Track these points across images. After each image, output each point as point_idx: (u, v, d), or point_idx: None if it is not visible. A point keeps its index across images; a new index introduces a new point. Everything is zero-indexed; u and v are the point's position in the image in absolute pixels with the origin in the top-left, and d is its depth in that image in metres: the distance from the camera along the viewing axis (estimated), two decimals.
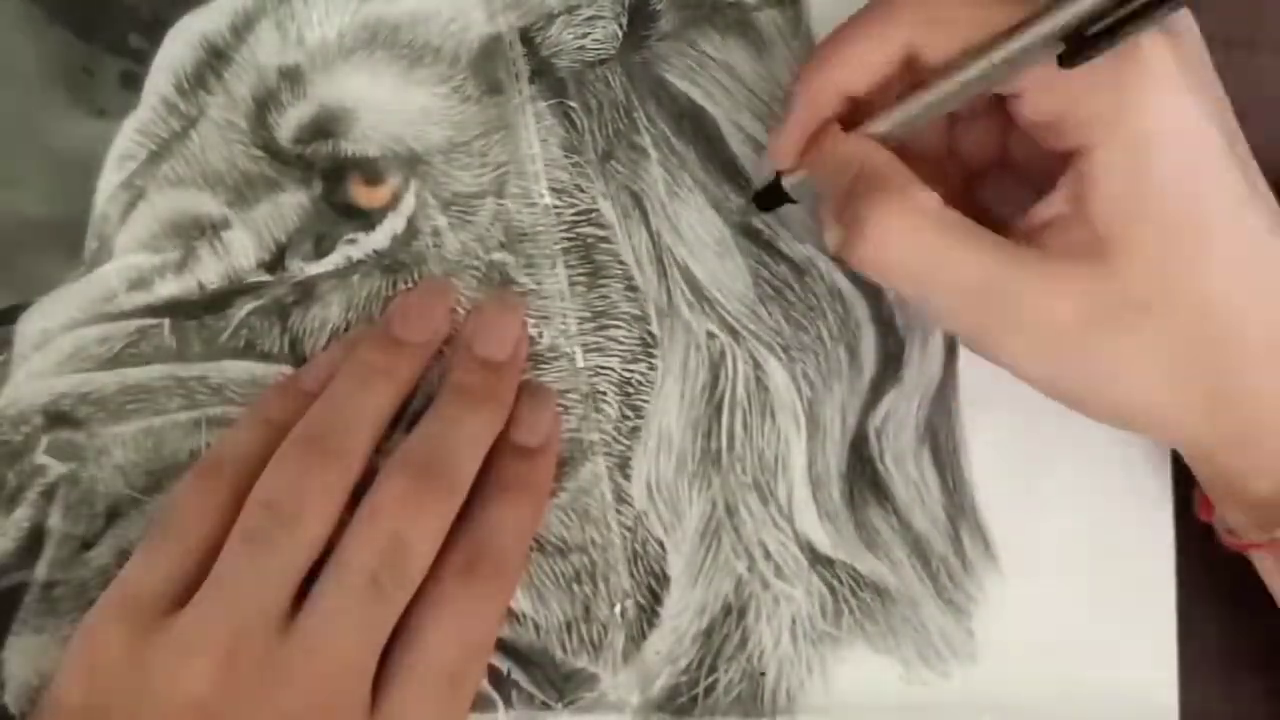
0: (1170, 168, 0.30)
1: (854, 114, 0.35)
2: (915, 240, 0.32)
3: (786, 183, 0.37)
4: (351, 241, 0.40)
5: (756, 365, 0.40)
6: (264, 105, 0.40)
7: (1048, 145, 0.32)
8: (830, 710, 0.39)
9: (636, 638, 0.40)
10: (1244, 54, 0.40)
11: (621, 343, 0.40)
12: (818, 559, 0.40)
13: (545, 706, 0.39)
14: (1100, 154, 0.31)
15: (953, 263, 0.32)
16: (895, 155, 0.33)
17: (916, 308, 0.37)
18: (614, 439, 0.40)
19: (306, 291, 0.40)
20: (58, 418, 0.40)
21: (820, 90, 0.34)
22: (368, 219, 0.40)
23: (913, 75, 0.33)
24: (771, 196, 0.37)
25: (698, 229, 0.41)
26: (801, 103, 0.34)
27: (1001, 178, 0.37)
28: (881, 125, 0.34)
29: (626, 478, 0.40)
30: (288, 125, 0.40)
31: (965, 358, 0.41)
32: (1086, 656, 0.40)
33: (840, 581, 0.40)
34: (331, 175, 0.40)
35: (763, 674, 0.40)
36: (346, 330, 0.40)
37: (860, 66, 0.33)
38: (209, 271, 0.40)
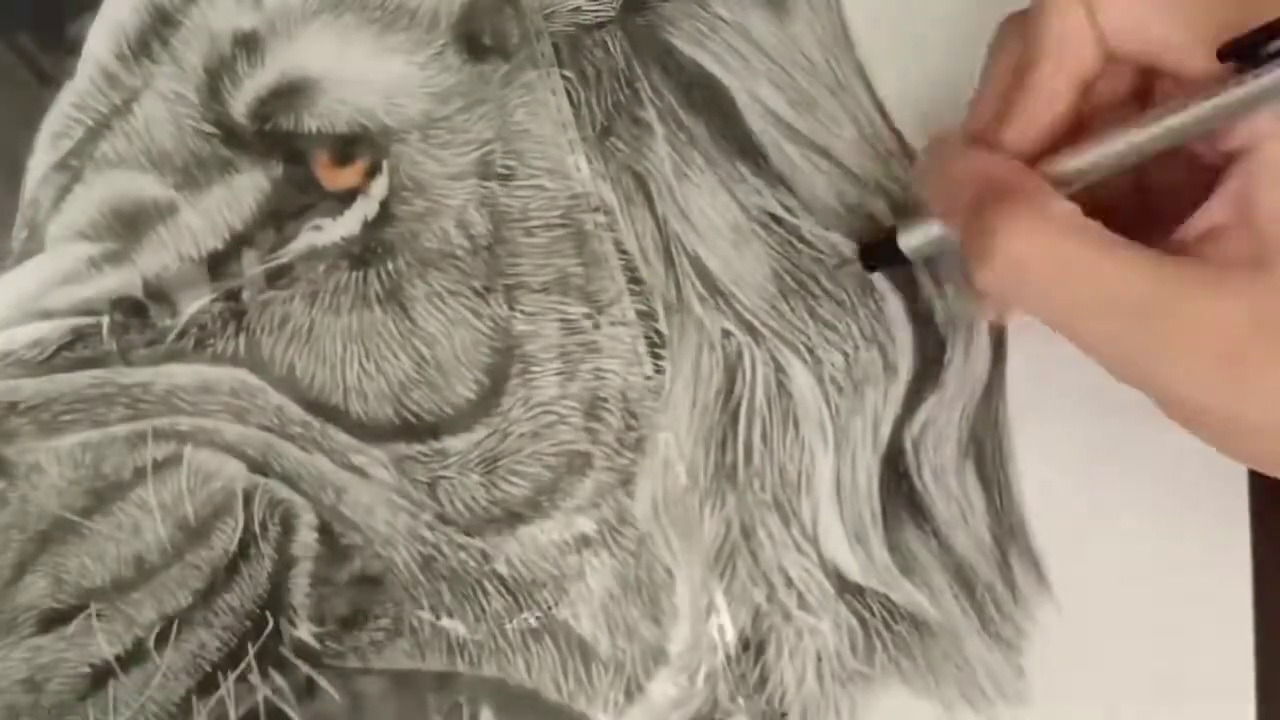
0: None
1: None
2: (1057, 253, 0.30)
3: (905, 241, 0.36)
4: (316, 228, 0.39)
5: (778, 368, 0.40)
6: (217, 75, 0.40)
7: (1207, 146, 0.32)
8: None
9: (640, 678, 0.39)
10: None
11: (624, 343, 0.40)
12: (846, 587, 0.39)
13: None
14: (1272, 149, 0.30)
15: (1104, 278, 0.30)
16: (1026, 166, 0.32)
17: (1061, 333, 0.35)
18: (615, 452, 0.40)
19: (265, 285, 0.40)
20: None
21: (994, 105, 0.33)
22: (335, 203, 0.40)
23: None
24: (882, 253, 0.37)
25: (710, 214, 0.40)
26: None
27: (1133, 204, 0.36)
28: (1070, 163, 0.32)
29: (629, 496, 0.39)
30: (244, 98, 0.39)
31: (1015, 358, 0.40)
32: (1151, 696, 0.39)
33: (872, 613, 0.39)
34: (293, 154, 0.39)
35: (784, 716, 0.39)
36: (310, 329, 0.40)
37: (1057, 62, 0.32)
38: (154, 263, 0.40)
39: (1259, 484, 0.38)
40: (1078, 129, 0.34)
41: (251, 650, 0.38)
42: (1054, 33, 0.32)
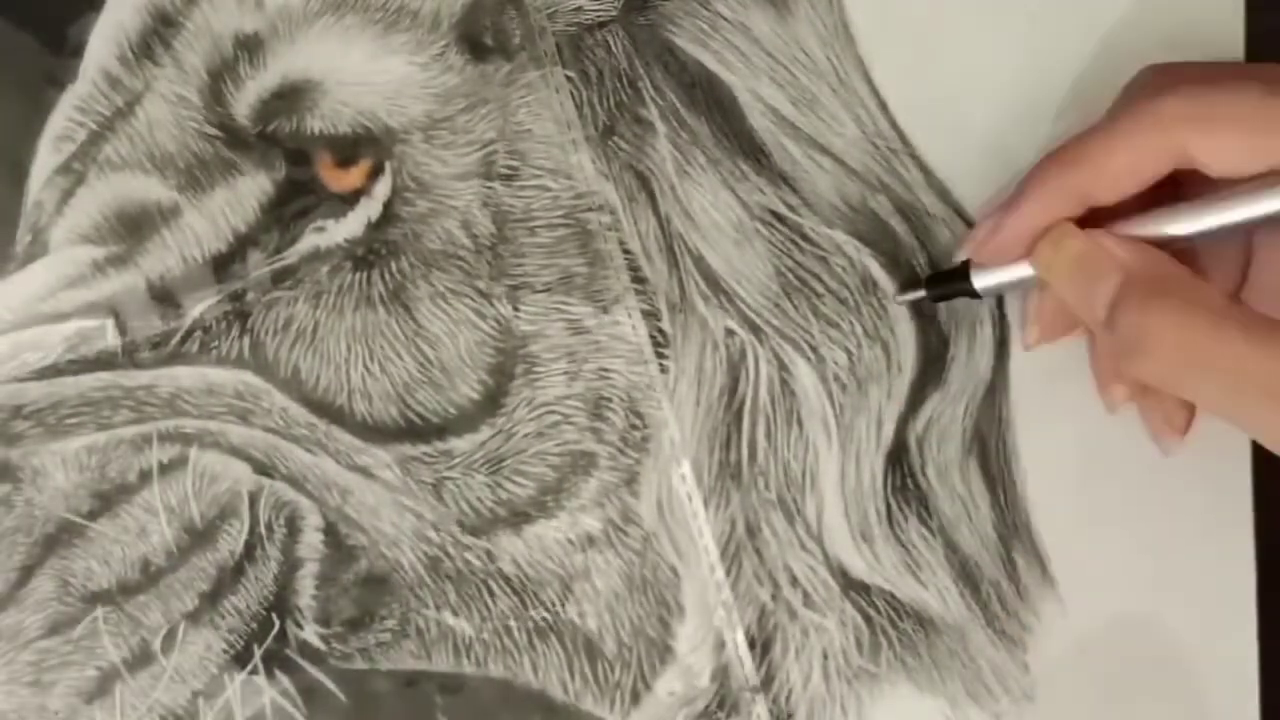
0: None
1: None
2: (1218, 343, 0.30)
3: (980, 280, 0.36)
4: (320, 230, 0.39)
5: (781, 366, 0.39)
6: (219, 77, 0.39)
7: None
8: None
9: (647, 676, 0.39)
10: None
11: (628, 342, 0.39)
12: (851, 585, 0.39)
13: None
14: None
15: (1262, 358, 0.30)
16: (1164, 253, 0.32)
17: (1219, 415, 0.35)
18: (619, 451, 0.39)
19: (269, 287, 0.39)
20: None
21: (1062, 190, 0.33)
22: (338, 204, 0.39)
23: (1185, 179, 0.32)
24: (950, 285, 0.37)
25: (712, 213, 0.40)
26: (1037, 199, 0.34)
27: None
28: (1149, 230, 0.33)
29: (634, 495, 0.39)
30: (246, 100, 0.39)
31: (1018, 355, 0.40)
32: (1157, 693, 0.39)
33: (877, 610, 0.39)
34: (296, 156, 0.39)
35: (791, 715, 0.39)
36: (315, 330, 0.39)
37: (1121, 175, 0.33)
38: (158, 266, 0.39)
39: (1262, 481, 0.38)
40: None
41: (258, 652, 0.38)
42: (1134, 172, 0.32)
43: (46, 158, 0.39)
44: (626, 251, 0.39)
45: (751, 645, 0.39)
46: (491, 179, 0.39)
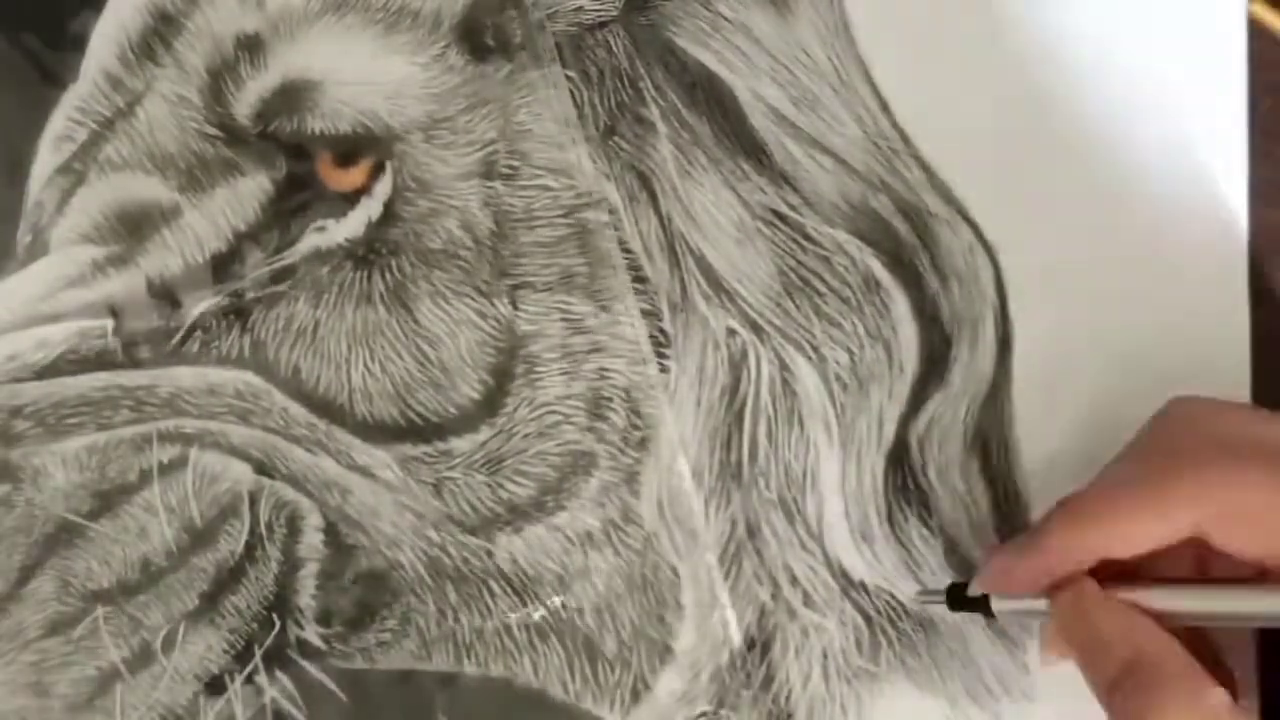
0: None
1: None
2: None
3: (999, 605, 0.36)
4: (320, 229, 0.39)
5: (783, 366, 0.39)
6: (219, 78, 0.39)
7: None
8: None
9: (647, 676, 0.39)
10: None
11: (629, 341, 0.39)
12: (851, 585, 0.39)
13: None
14: None
15: None
16: (1174, 640, 0.32)
17: None
18: (620, 451, 0.39)
19: (269, 287, 0.39)
20: None
21: (1080, 546, 0.33)
22: (339, 204, 0.39)
23: (1201, 559, 0.33)
24: (970, 601, 0.36)
25: (714, 212, 0.40)
26: (1053, 551, 0.34)
27: None
28: (1165, 603, 0.33)
29: (634, 495, 0.39)
30: (247, 100, 0.39)
31: (1020, 356, 0.40)
32: None
33: (878, 610, 0.39)
34: (297, 156, 0.39)
35: (790, 715, 0.39)
36: (315, 330, 0.39)
37: (1135, 539, 0.33)
38: (159, 265, 0.39)
39: None
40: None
41: (258, 652, 0.38)
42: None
43: (47, 157, 0.39)
44: (627, 251, 0.39)
45: (751, 645, 0.39)
46: (492, 179, 0.39)
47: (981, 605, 0.36)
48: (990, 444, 0.39)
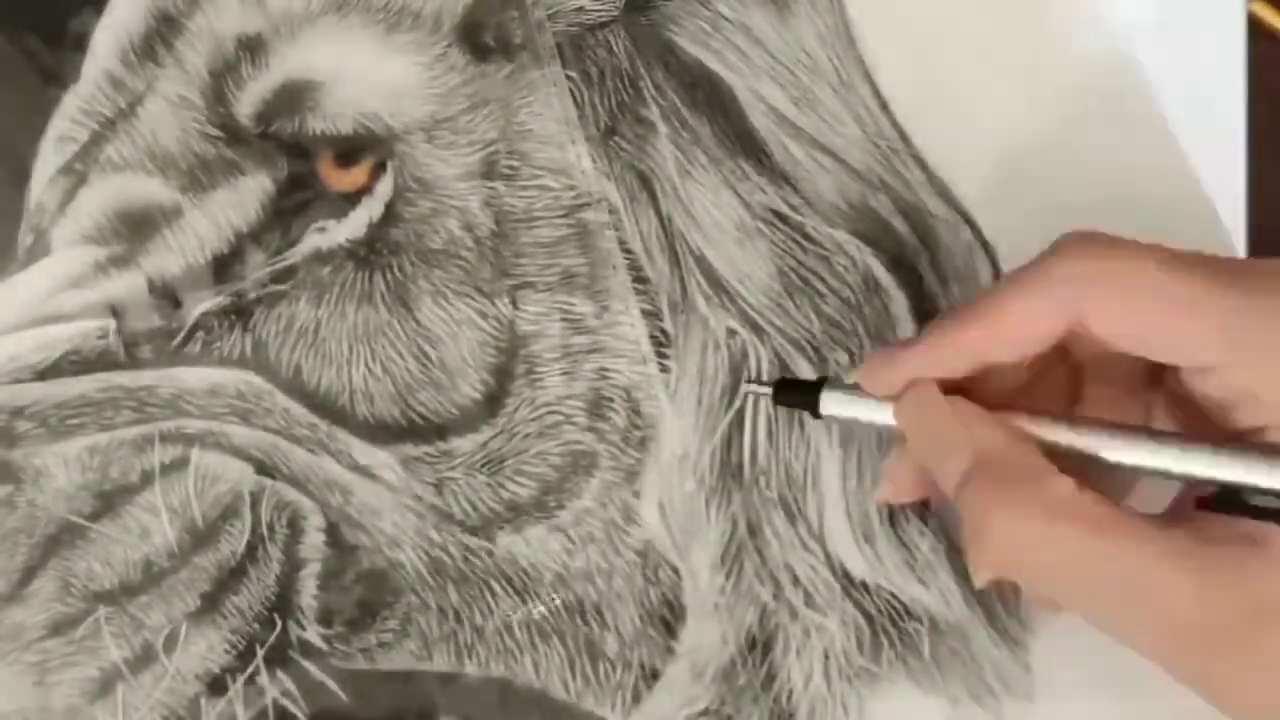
0: None
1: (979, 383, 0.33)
2: (1049, 539, 0.30)
3: (827, 403, 0.35)
4: (321, 230, 0.39)
5: (783, 366, 0.39)
6: (221, 78, 0.39)
7: (1209, 419, 0.32)
8: None
9: (648, 676, 0.39)
10: None
11: (629, 341, 0.39)
12: (853, 585, 0.39)
13: None
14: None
15: (1091, 557, 0.30)
16: (1021, 437, 0.32)
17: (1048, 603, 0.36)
18: (621, 451, 0.39)
19: (271, 287, 0.39)
20: None
21: (956, 343, 0.32)
22: (340, 204, 0.39)
23: (1073, 354, 0.33)
24: (797, 395, 0.35)
25: (714, 212, 0.39)
26: (931, 346, 0.33)
27: None
28: (1060, 435, 0.32)
29: (635, 495, 0.39)
30: (248, 101, 0.39)
31: None
32: (1158, 693, 0.37)
33: (879, 610, 0.39)
34: (298, 156, 0.39)
35: (792, 715, 0.39)
36: (317, 330, 0.39)
37: (1014, 333, 0.32)
38: (160, 266, 0.39)
39: None
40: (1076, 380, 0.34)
41: (260, 653, 0.38)
42: (1024, 336, 0.32)
43: (49, 158, 0.39)
44: (628, 251, 0.39)
45: (752, 645, 0.39)
46: (493, 179, 0.39)
47: (810, 404, 0.35)
48: None
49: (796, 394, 0.35)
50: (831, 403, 0.34)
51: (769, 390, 0.36)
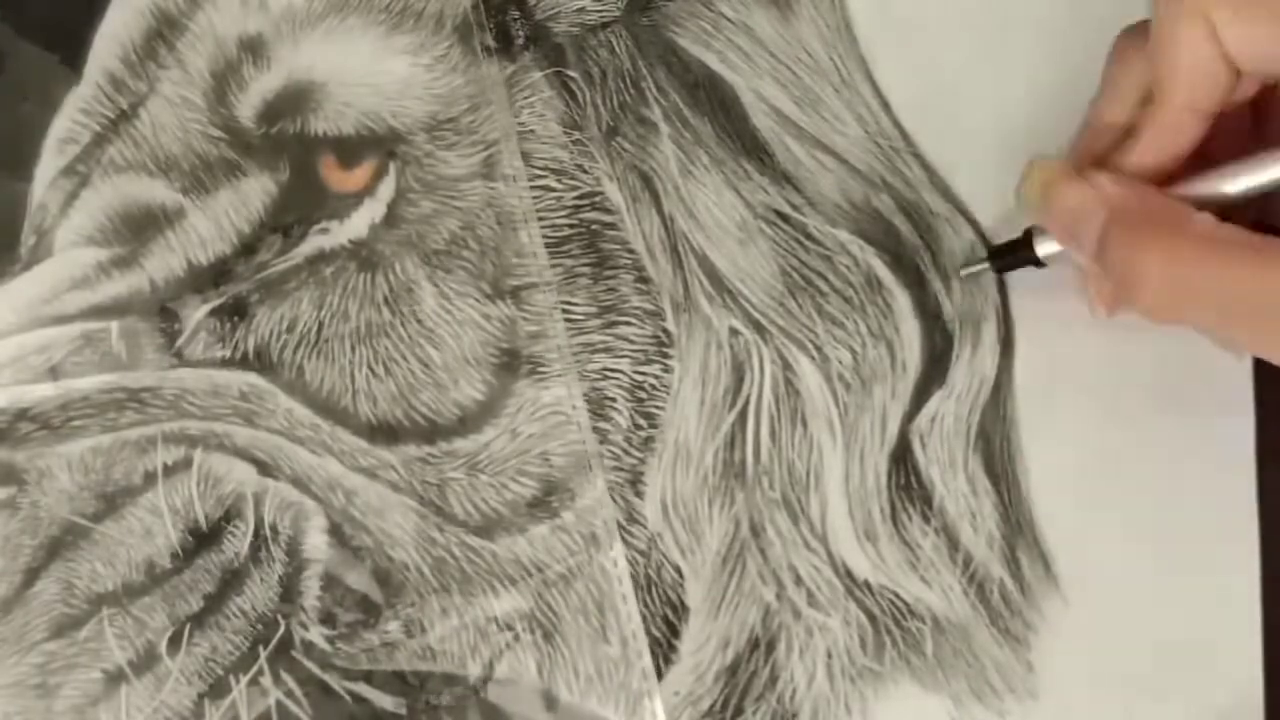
0: None
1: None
2: (1204, 272, 0.30)
3: (1043, 247, 0.35)
4: (324, 231, 0.39)
5: (786, 366, 0.39)
6: (223, 79, 0.39)
7: None
8: None
9: (651, 677, 0.39)
10: None
11: (632, 342, 0.39)
12: (856, 584, 0.39)
13: None
14: None
15: (1257, 278, 0.30)
16: (1151, 186, 0.32)
17: (1218, 338, 0.35)
18: (624, 451, 0.39)
19: (273, 288, 0.39)
20: None
21: (1129, 82, 0.33)
22: (342, 205, 0.39)
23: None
24: (1016, 256, 0.36)
25: (716, 212, 0.39)
26: (1111, 97, 0.34)
27: None
28: (1197, 190, 0.32)
29: (639, 495, 0.39)
30: (250, 102, 0.39)
31: (1022, 354, 0.40)
32: (1160, 692, 0.39)
33: (882, 609, 0.39)
34: (300, 157, 0.39)
35: (795, 715, 0.39)
36: (319, 331, 0.39)
37: (1168, 60, 0.32)
38: (162, 267, 0.39)
39: (1266, 480, 0.38)
40: (1198, 147, 0.34)
41: (263, 654, 0.38)
42: (1184, 65, 0.31)
43: (51, 160, 0.39)
44: (630, 251, 0.39)
45: (755, 645, 0.39)
46: (495, 179, 0.39)
47: (1027, 258, 0.36)
48: (993, 442, 0.39)
49: (1010, 255, 0.36)
50: (1046, 245, 0.35)
51: (985, 265, 0.37)
